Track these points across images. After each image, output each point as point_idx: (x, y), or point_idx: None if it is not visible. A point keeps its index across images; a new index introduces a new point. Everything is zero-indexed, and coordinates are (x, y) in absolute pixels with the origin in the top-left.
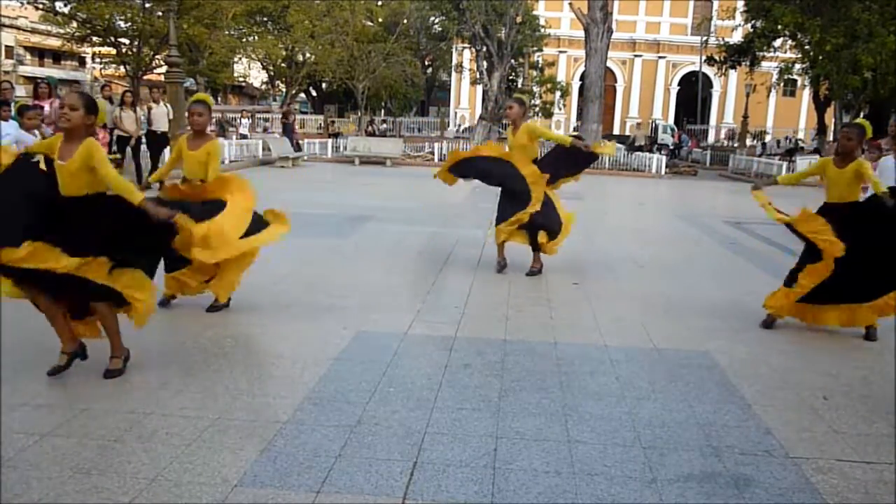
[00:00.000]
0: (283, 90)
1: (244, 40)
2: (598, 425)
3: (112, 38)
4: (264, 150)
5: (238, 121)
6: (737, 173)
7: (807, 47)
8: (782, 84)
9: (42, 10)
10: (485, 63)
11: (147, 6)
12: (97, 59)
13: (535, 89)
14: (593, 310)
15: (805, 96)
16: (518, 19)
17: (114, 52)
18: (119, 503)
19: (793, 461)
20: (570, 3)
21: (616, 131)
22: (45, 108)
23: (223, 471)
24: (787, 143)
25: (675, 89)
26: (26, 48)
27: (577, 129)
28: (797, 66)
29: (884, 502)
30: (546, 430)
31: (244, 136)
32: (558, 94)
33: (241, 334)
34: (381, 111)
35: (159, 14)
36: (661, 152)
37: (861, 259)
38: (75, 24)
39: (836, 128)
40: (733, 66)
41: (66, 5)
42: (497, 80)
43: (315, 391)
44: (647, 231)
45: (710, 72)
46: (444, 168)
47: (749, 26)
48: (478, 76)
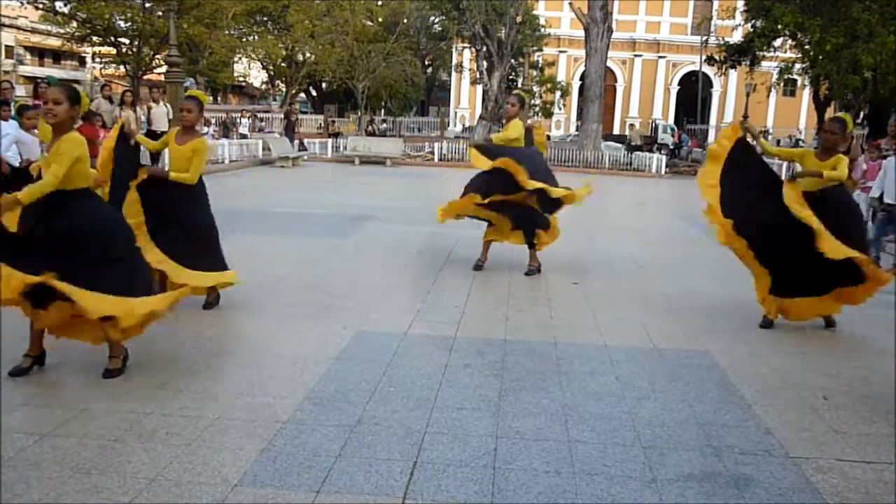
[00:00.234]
0: (283, 90)
1: (244, 40)
2: (598, 425)
3: (112, 38)
4: (264, 149)
5: (238, 120)
6: None
7: (807, 47)
8: (782, 84)
9: (42, 9)
10: (485, 63)
11: (147, 6)
12: (97, 59)
13: (536, 89)
14: (593, 310)
15: (805, 96)
16: (518, 19)
17: (114, 51)
18: (119, 503)
19: (793, 461)
20: (570, 3)
21: (616, 131)
22: None
23: (223, 471)
24: (788, 142)
25: (675, 89)
26: (26, 48)
27: (577, 129)
28: (797, 65)
29: (884, 502)
30: (546, 430)
31: (244, 136)
32: (558, 93)
33: (242, 334)
34: (381, 111)
35: (159, 14)
36: (662, 152)
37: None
38: (75, 24)
39: None
40: (733, 66)
41: (66, 5)
42: (497, 80)
43: (315, 391)
44: (647, 231)
45: (710, 71)
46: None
47: (749, 26)
48: (478, 76)
